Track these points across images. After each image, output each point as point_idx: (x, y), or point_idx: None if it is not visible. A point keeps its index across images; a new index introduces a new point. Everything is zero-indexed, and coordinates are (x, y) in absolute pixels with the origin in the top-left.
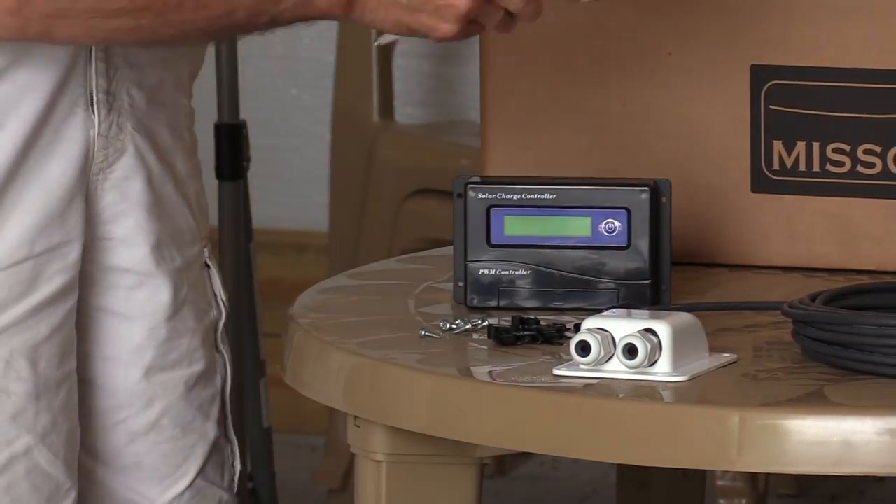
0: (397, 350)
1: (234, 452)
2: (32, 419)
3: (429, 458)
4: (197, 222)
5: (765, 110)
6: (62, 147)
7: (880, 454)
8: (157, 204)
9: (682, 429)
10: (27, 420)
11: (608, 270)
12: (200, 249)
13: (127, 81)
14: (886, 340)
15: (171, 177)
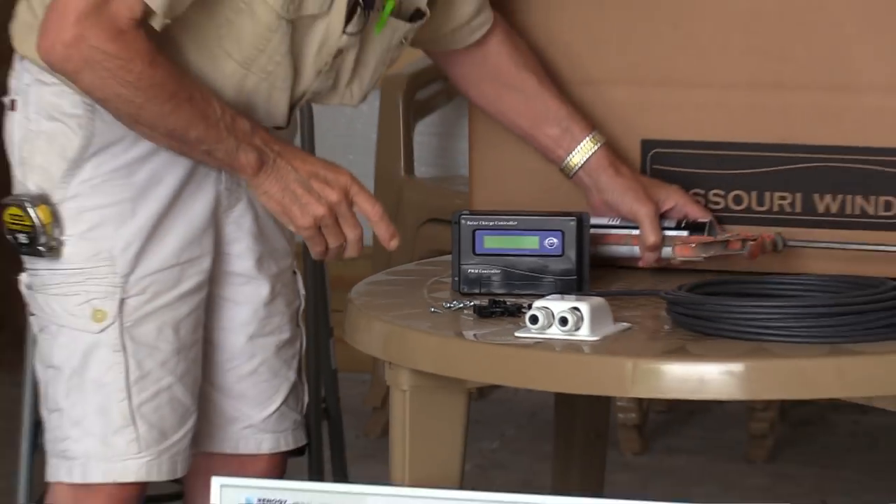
0: (415, 320)
1: (305, 390)
2: (174, 366)
3: (436, 388)
4: (288, 244)
5: (651, 169)
6: (201, 196)
7: (722, 386)
8: (261, 233)
9: (595, 369)
10: (170, 366)
11: (549, 270)
12: (291, 261)
13: None
14: (727, 315)
15: (271, 217)
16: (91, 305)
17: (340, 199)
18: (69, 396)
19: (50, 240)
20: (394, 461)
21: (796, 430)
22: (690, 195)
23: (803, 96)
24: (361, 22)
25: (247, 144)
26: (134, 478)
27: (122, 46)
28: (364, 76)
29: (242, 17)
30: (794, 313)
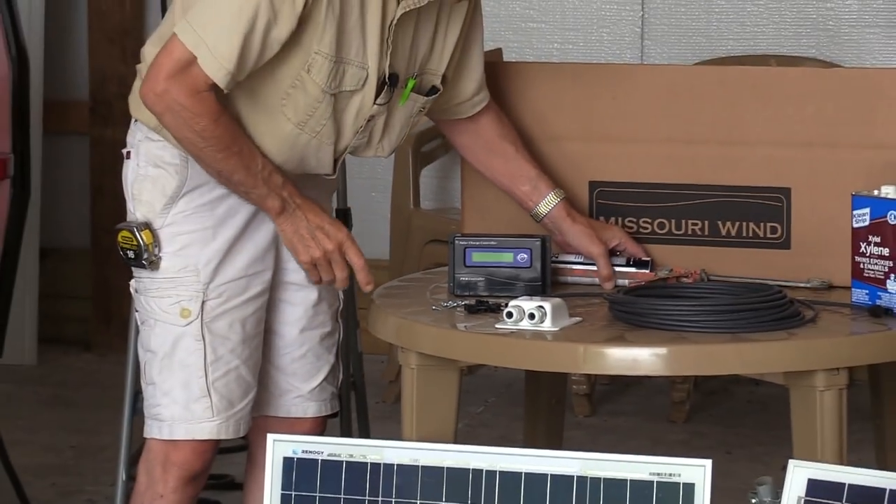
0: (421, 315)
1: (340, 369)
2: (240, 352)
3: (436, 367)
4: None
5: (596, 203)
6: (265, 226)
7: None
8: None
9: (555, 352)
10: (238, 352)
11: (521, 278)
12: None
13: None
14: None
15: None
16: (180, 305)
17: (334, 249)
18: (161, 373)
19: (151, 256)
20: (404, 422)
21: (707, 397)
22: (629, 234)
23: (708, 148)
24: (388, 95)
25: (275, 194)
26: (208, 436)
27: (195, 103)
28: (392, 135)
29: (297, 91)
30: (705, 310)
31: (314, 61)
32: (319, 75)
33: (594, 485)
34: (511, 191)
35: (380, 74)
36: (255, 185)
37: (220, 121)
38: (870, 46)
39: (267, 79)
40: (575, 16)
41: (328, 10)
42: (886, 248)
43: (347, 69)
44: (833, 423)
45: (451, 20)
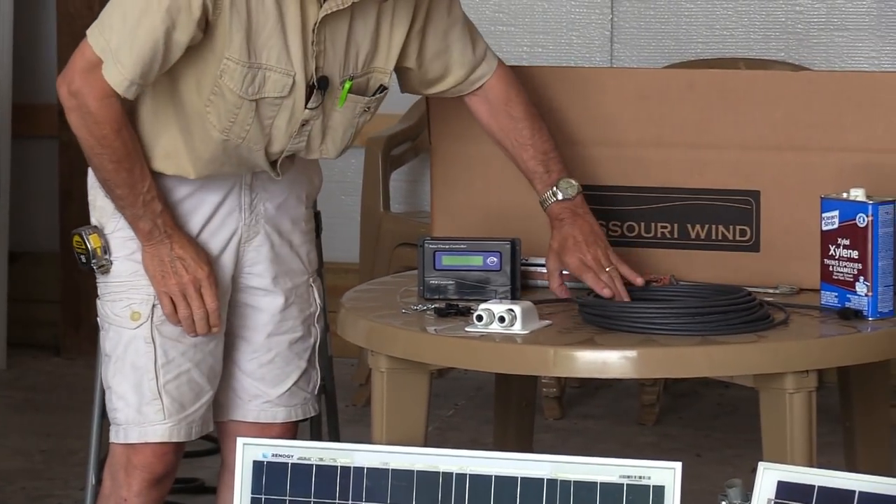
0: (391, 318)
1: (317, 374)
2: (192, 355)
3: (406, 370)
4: (305, 266)
5: None
6: (223, 231)
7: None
8: (276, 258)
9: (525, 354)
10: (189, 356)
11: (491, 281)
12: (307, 278)
13: (262, 199)
14: (624, 313)
15: (287, 245)
16: (130, 309)
17: (189, 283)
18: (115, 376)
19: (100, 260)
20: (374, 425)
21: (676, 400)
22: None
23: (678, 152)
24: (319, 100)
25: (149, 219)
26: (160, 439)
27: (101, 108)
28: (335, 138)
29: (218, 97)
30: (674, 313)
31: (226, 67)
32: (233, 81)
33: (564, 487)
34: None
35: (308, 79)
36: (134, 204)
37: (121, 132)
38: (838, 50)
39: (192, 86)
40: (544, 19)
41: (232, 16)
42: (855, 251)
43: (269, 75)
44: (802, 426)
45: (396, 16)
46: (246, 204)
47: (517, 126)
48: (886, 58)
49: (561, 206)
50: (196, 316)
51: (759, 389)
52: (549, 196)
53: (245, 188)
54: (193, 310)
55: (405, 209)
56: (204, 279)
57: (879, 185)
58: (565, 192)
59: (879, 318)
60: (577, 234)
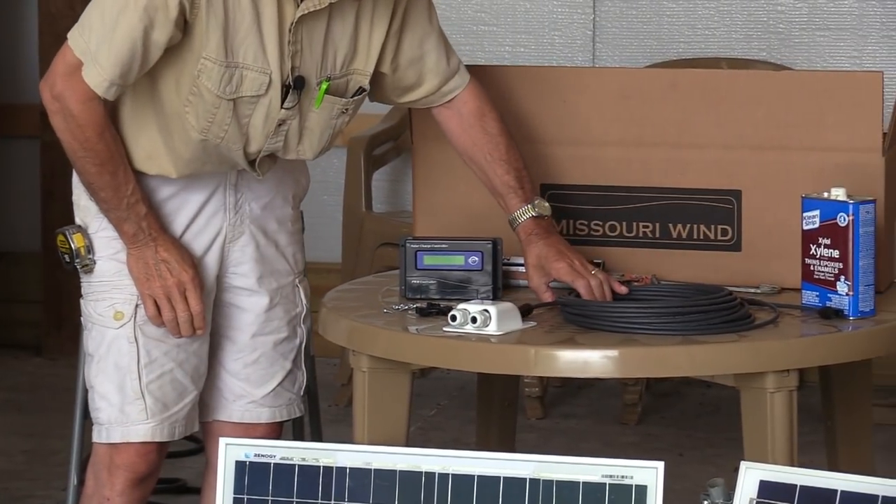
0: (372, 318)
1: (303, 375)
2: (175, 355)
3: (388, 370)
4: (291, 267)
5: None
6: (207, 231)
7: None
8: (261, 258)
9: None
10: (172, 355)
11: (472, 281)
12: (293, 278)
13: (248, 199)
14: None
15: (273, 245)
16: (113, 308)
17: (173, 286)
18: (98, 376)
19: (84, 259)
20: (356, 425)
21: (658, 399)
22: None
23: (659, 151)
24: (294, 99)
25: (133, 221)
26: (142, 438)
27: (83, 111)
28: (312, 139)
29: (196, 98)
30: (654, 312)
31: (203, 66)
32: (210, 81)
33: (547, 487)
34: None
35: (283, 78)
36: (118, 206)
37: (103, 135)
38: (820, 49)
39: (171, 86)
40: (526, 19)
41: (209, 15)
42: (836, 250)
43: (246, 74)
44: (783, 425)
45: (376, 17)
46: (231, 204)
47: (493, 140)
48: (867, 57)
49: (534, 223)
50: (180, 319)
51: (740, 389)
52: (525, 212)
53: (230, 188)
54: (178, 313)
55: (387, 209)
56: (188, 282)
57: (860, 184)
58: (541, 210)
59: (860, 317)
60: (555, 245)
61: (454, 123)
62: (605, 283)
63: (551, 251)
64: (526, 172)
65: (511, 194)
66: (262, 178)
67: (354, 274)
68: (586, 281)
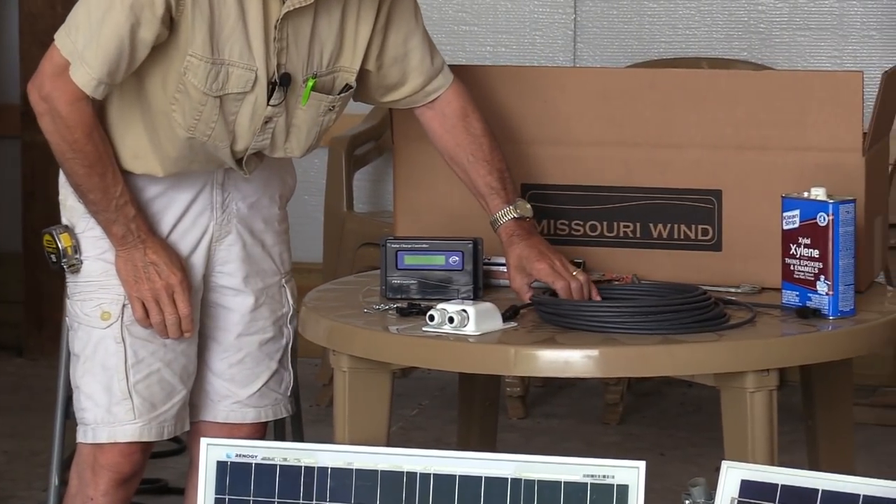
0: (353, 318)
1: (290, 375)
2: (163, 355)
3: (368, 369)
4: (277, 267)
5: None
6: (194, 231)
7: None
8: (248, 258)
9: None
10: (160, 355)
11: (453, 280)
12: (279, 279)
13: (234, 198)
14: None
15: (259, 245)
16: (100, 308)
17: (161, 288)
18: (84, 376)
19: (71, 259)
20: (337, 425)
21: (640, 399)
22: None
23: (640, 151)
24: (281, 96)
25: (122, 223)
26: (130, 438)
27: (72, 112)
28: (300, 136)
29: (183, 95)
30: (630, 312)
31: (189, 64)
32: (196, 78)
33: (528, 487)
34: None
35: (269, 75)
36: (107, 208)
37: (91, 137)
38: (800, 49)
39: (157, 85)
40: (507, 19)
41: (195, 12)
42: (816, 250)
43: (232, 71)
44: (763, 424)
45: (361, 14)
46: (218, 203)
47: (476, 141)
48: (848, 57)
49: (516, 224)
50: (168, 321)
51: (721, 388)
52: (506, 213)
53: (217, 187)
54: (165, 315)
55: (368, 209)
56: (177, 285)
57: (840, 184)
58: (523, 212)
59: (840, 316)
60: (537, 246)
61: (437, 124)
62: (585, 285)
63: (532, 252)
64: (508, 173)
65: (493, 195)
66: (250, 178)
67: (335, 274)
68: (566, 283)
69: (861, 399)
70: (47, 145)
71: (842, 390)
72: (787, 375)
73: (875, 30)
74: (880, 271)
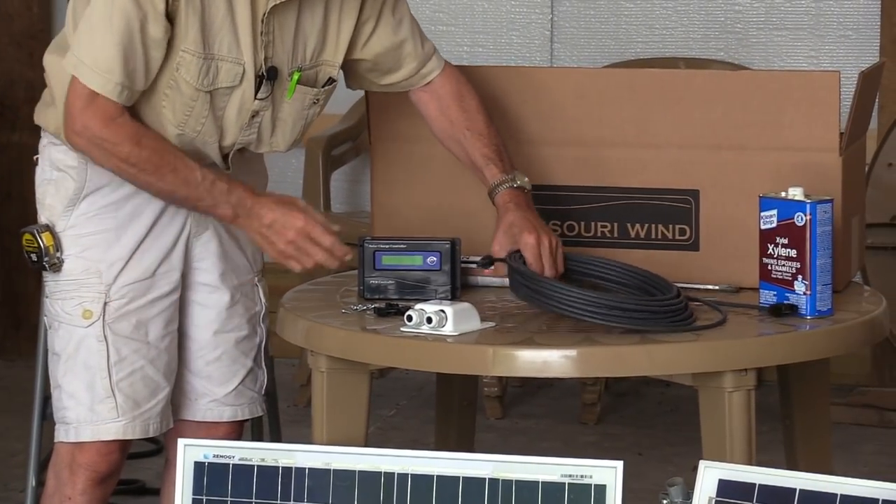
0: (330, 318)
1: (264, 374)
2: (145, 352)
3: (346, 370)
4: (251, 264)
5: None
6: (173, 226)
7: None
8: (224, 254)
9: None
10: (142, 353)
11: (431, 281)
12: (252, 276)
13: None
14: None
15: (234, 242)
16: (82, 307)
17: (294, 238)
18: (66, 375)
19: (52, 258)
20: (315, 425)
21: (617, 399)
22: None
23: (617, 151)
24: (268, 90)
25: (224, 202)
26: (114, 436)
27: (113, 132)
28: (285, 130)
29: (174, 91)
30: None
31: (182, 59)
32: (189, 73)
33: (506, 487)
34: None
35: (257, 69)
36: (200, 197)
37: (142, 143)
38: (777, 49)
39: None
40: (484, 18)
41: (188, 7)
42: (794, 250)
43: (221, 65)
44: (741, 424)
45: (344, 10)
46: None
47: (471, 117)
48: (825, 57)
49: (514, 193)
50: (321, 260)
51: (699, 388)
52: (506, 181)
53: None
54: (314, 255)
55: (346, 209)
56: (306, 226)
57: (817, 184)
58: (521, 183)
59: (818, 316)
60: (531, 220)
61: (433, 107)
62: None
63: (526, 224)
64: (505, 148)
65: (490, 165)
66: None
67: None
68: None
69: (838, 399)
70: (23, 146)
71: (819, 390)
72: (764, 375)
73: (851, 30)
74: (857, 271)
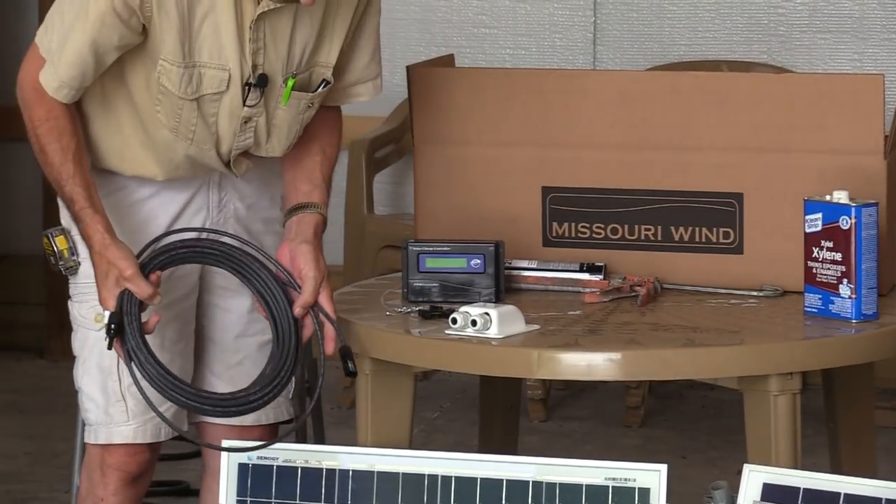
0: (375, 321)
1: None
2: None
3: (390, 372)
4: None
5: (549, 208)
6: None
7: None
8: None
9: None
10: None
11: (475, 283)
12: None
13: (232, 198)
14: None
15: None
16: (94, 310)
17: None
18: (83, 377)
19: (67, 261)
20: (359, 427)
21: (661, 402)
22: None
23: (661, 154)
24: (256, 97)
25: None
26: (124, 440)
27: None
28: (280, 135)
29: (164, 96)
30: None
31: (163, 68)
32: (171, 82)
33: (549, 489)
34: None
35: (244, 76)
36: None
37: (49, 121)
38: (820, 52)
39: (141, 87)
40: (527, 21)
41: (161, 17)
42: (839, 253)
43: (205, 72)
44: (787, 427)
45: (340, 10)
46: (214, 202)
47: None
48: (868, 60)
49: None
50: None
51: (744, 391)
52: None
53: (214, 186)
54: None
55: (389, 211)
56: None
57: (862, 187)
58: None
59: (863, 320)
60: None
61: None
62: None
63: (316, 263)
64: (327, 187)
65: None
66: (248, 178)
67: (357, 276)
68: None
69: (883, 402)
70: None
71: (864, 393)
72: (809, 378)
73: (895, 33)
74: None
